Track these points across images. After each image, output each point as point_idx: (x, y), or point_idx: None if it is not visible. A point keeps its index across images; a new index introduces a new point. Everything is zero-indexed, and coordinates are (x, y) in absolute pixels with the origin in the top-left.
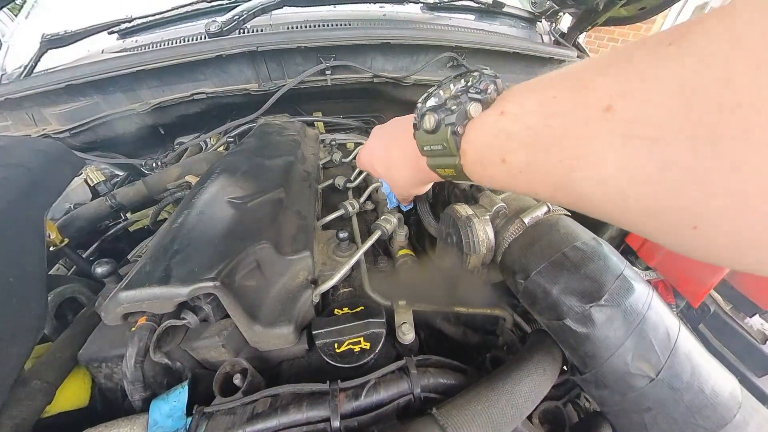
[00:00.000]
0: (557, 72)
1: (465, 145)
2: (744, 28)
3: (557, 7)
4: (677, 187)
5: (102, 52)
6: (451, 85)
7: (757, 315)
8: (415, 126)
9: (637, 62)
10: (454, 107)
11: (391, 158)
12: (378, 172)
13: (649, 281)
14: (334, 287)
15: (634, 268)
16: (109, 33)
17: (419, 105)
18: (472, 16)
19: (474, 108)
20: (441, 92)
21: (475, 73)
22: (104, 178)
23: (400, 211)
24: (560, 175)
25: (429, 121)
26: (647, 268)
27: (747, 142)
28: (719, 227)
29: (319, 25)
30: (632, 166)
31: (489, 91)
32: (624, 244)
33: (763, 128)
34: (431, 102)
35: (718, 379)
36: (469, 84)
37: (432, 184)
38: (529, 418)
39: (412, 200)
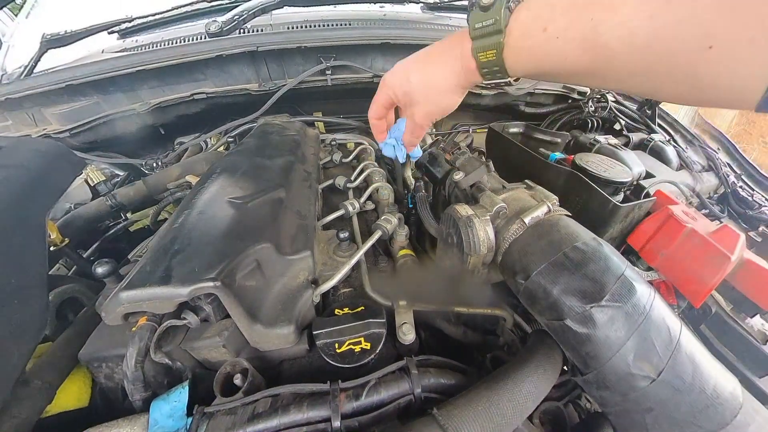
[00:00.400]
0: None
1: (512, 22)
2: None
3: None
4: (682, 13)
5: (102, 52)
6: None
7: (758, 315)
8: (471, 6)
9: None
10: None
11: (431, 56)
12: (411, 77)
13: (650, 282)
14: (335, 287)
15: (636, 268)
16: (109, 33)
17: None
18: None
19: None
20: None
21: None
22: (104, 178)
23: (400, 210)
24: (589, 31)
25: None
26: (649, 269)
27: None
28: (732, 44)
29: (319, 25)
30: (639, 7)
31: None
32: (625, 244)
33: None
34: None
35: (719, 380)
36: None
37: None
38: (530, 418)
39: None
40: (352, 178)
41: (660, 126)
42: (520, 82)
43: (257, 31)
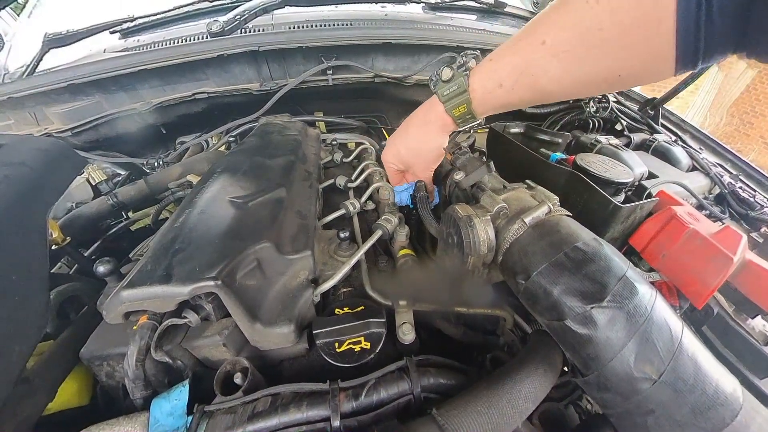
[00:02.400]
0: (519, 31)
1: (473, 84)
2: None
3: None
4: (592, 65)
5: (104, 52)
6: (448, 59)
7: (760, 317)
8: (433, 84)
9: (553, 15)
10: (461, 62)
11: (410, 127)
12: (401, 150)
13: (652, 283)
14: (335, 287)
15: (637, 269)
16: (111, 32)
17: (435, 72)
18: (473, 16)
19: (472, 62)
20: (443, 66)
21: (466, 51)
22: (106, 177)
23: (401, 210)
24: (532, 83)
25: (446, 73)
26: (650, 270)
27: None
28: (636, 71)
29: (320, 25)
30: (565, 67)
31: (477, 54)
32: (627, 245)
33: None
34: (442, 67)
35: (720, 381)
36: (464, 53)
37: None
38: (530, 419)
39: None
40: (353, 178)
41: (665, 126)
42: None
43: (259, 30)
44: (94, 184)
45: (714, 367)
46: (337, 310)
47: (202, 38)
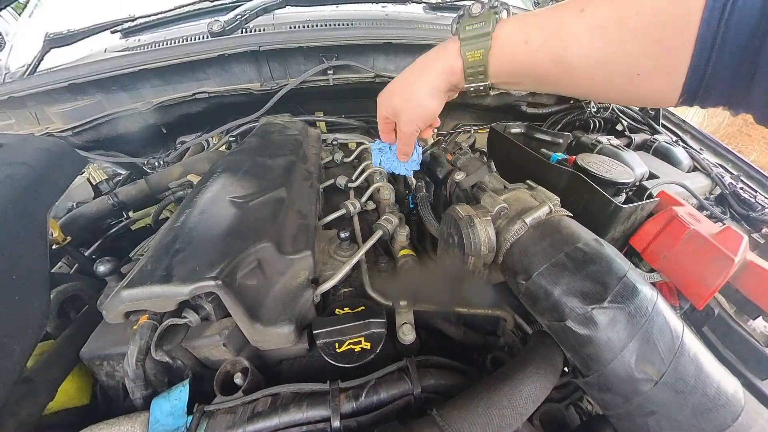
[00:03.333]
0: None
1: (498, 31)
2: None
3: None
4: (621, 49)
5: (105, 51)
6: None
7: (761, 318)
8: (458, 18)
9: None
10: (495, 6)
11: (414, 67)
12: (394, 91)
13: (653, 283)
14: (335, 287)
15: (638, 270)
16: (112, 32)
17: (464, 9)
18: None
19: (504, 14)
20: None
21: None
22: (106, 177)
23: (401, 211)
24: (560, 50)
25: (476, 8)
26: (651, 270)
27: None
28: (653, 74)
29: (321, 25)
30: (595, 41)
31: (509, 6)
32: (628, 245)
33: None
34: (474, 2)
35: (721, 382)
36: (498, 2)
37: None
38: (530, 419)
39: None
40: (353, 178)
41: (665, 127)
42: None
43: (259, 30)
44: (94, 183)
45: (715, 368)
46: (337, 311)
47: (203, 38)
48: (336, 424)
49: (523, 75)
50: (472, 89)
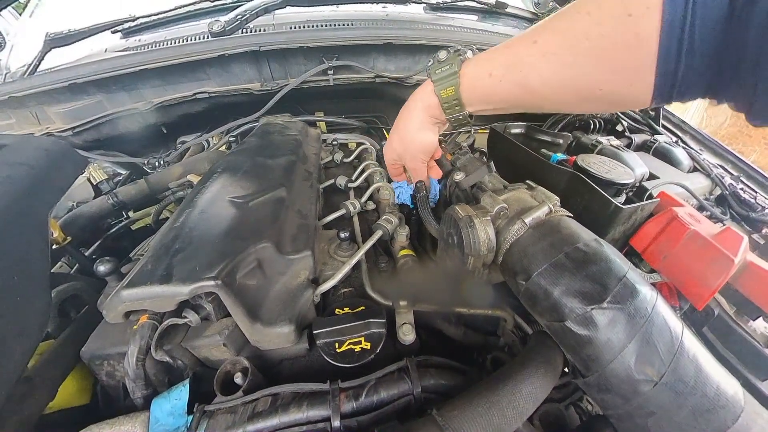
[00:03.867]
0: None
1: (464, 68)
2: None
3: (560, 8)
4: (577, 71)
5: (105, 51)
6: (450, 49)
7: (761, 318)
8: (429, 65)
9: (549, 21)
10: (459, 49)
11: (400, 118)
12: (393, 141)
13: (653, 284)
14: (335, 287)
15: (638, 270)
16: (113, 32)
17: (433, 56)
18: (474, 17)
19: (469, 53)
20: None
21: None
22: (107, 177)
23: (401, 211)
24: (521, 78)
25: (442, 54)
26: (651, 271)
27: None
28: (615, 88)
29: (321, 25)
30: (551, 67)
31: (476, 50)
32: (628, 246)
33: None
34: (441, 50)
35: (721, 383)
36: (465, 46)
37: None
38: (530, 420)
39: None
40: (353, 178)
41: (665, 128)
42: None
43: (260, 30)
44: (95, 183)
45: (715, 369)
46: (337, 311)
47: (204, 38)
48: (336, 423)
49: (495, 102)
50: (453, 119)
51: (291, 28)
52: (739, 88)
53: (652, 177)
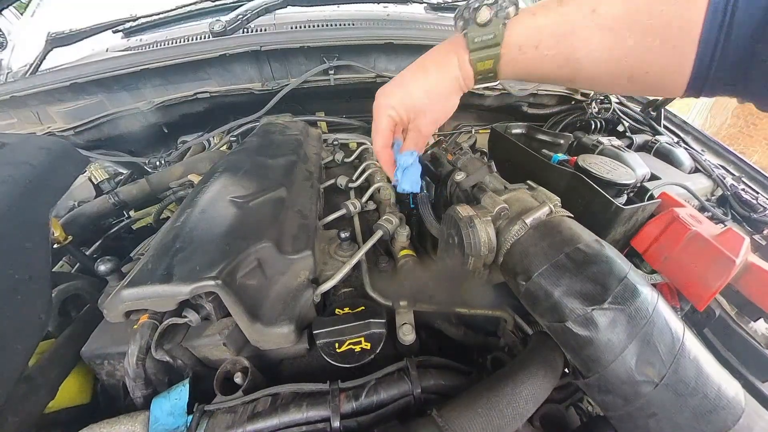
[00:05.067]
0: None
1: (507, 38)
2: None
3: None
4: (629, 49)
5: (107, 51)
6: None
7: (762, 319)
8: (466, 22)
9: None
10: (501, 3)
11: (426, 66)
12: (411, 90)
13: (654, 285)
14: (335, 287)
15: (639, 271)
16: (114, 32)
17: (466, 7)
18: None
19: (512, 10)
20: (480, 1)
21: None
22: (108, 176)
23: (402, 211)
24: (570, 53)
25: (484, 14)
26: (652, 272)
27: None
28: (661, 72)
29: (322, 25)
30: (605, 42)
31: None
32: (629, 247)
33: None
34: (479, 3)
35: (721, 384)
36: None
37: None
38: (530, 420)
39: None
40: (354, 178)
41: (667, 128)
42: (523, 83)
43: (261, 30)
44: (96, 182)
45: (716, 370)
46: (337, 311)
47: (205, 38)
48: (336, 424)
49: (530, 75)
50: (481, 86)
51: (292, 27)
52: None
53: (653, 177)
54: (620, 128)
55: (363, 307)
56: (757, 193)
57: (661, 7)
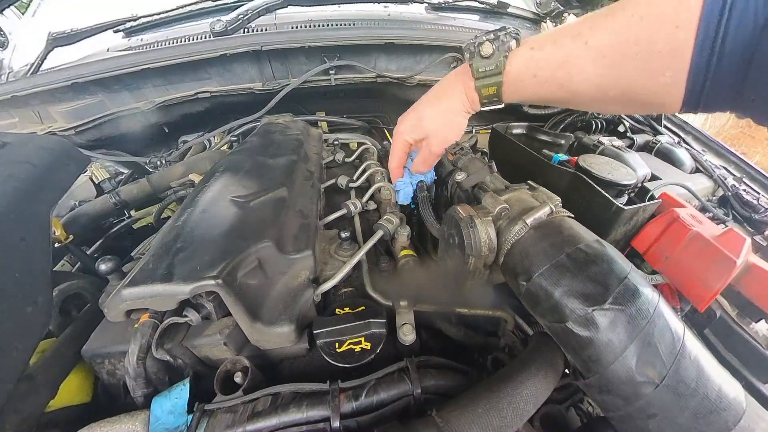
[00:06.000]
0: (561, 26)
1: (508, 67)
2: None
3: (562, 8)
4: (621, 73)
5: (107, 51)
6: (491, 35)
7: (763, 320)
8: (471, 54)
9: (599, 20)
10: (503, 39)
11: (438, 95)
12: (423, 116)
13: (654, 285)
14: (336, 287)
15: (640, 271)
16: (115, 31)
17: (473, 42)
18: (476, 17)
19: (513, 44)
20: (484, 37)
21: (507, 27)
22: (109, 176)
23: (402, 211)
24: (566, 80)
25: (487, 48)
26: (653, 272)
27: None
28: (654, 91)
29: (323, 25)
30: (598, 70)
31: (518, 34)
32: (629, 247)
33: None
34: (483, 39)
35: (722, 385)
36: (505, 32)
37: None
38: (530, 421)
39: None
40: (355, 178)
41: (667, 128)
42: None
43: (261, 30)
44: (97, 182)
45: (716, 371)
46: (337, 310)
47: (205, 38)
48: (336, 424)
49: (531, 99)
50: (487, 110)
51: (293, 27)
52: (762, 103)
53: (654, 178)
54: (621, 128)
55: (363, 307)
56: (759, 193)
57: (649, 35)
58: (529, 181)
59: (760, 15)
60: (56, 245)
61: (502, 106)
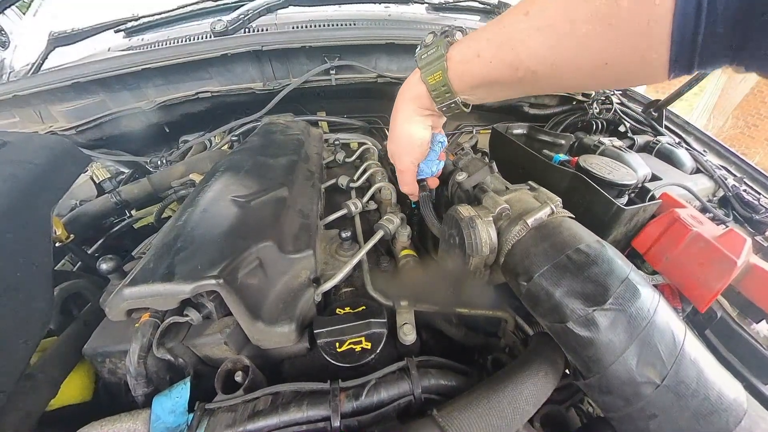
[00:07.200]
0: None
1: (450, 51)
2: None
3: None
4: (576, 42)
5: (108, 51)
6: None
7: (764, 321)
8: (417, 50)
9: None
10: (446, 31)
11: (395, 110)
12: (389, 140)
13: (655, 286)
14: (336, 286)
15: (640, 272)
16: (116, 31)
17: (420, 42)
18: (476, 17)
19: (458, 35)
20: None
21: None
22: (110, 176)
23: (402, 211)
24: (513, 58)
25: (428, 38)
26: (653, 273)
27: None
28: (625, 61)
29: (323, 25)
30: (546, 41)
31: (463, 28)
32: (630, 247)
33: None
34: (428, 33)
35: (723, 386)
36: (454, 27)
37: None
38: (531, 421)
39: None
40: (355, 178)
41: (668, 128)
42: None
43: (262, 30)
44: (97, 182)
45: (717, 371)
46: (338, 310)
47: (206, 37)
48: (336, 423)
49: (487, 85)
50: (444, 108)
51: (293, 27)
52: None
53: (654, 178)
54: (621, 129)
55: (364, 307)
56: (759, 194)
57: None
58: (529, 182)
59: None
60: (57, 245)
61: (460, 101)
